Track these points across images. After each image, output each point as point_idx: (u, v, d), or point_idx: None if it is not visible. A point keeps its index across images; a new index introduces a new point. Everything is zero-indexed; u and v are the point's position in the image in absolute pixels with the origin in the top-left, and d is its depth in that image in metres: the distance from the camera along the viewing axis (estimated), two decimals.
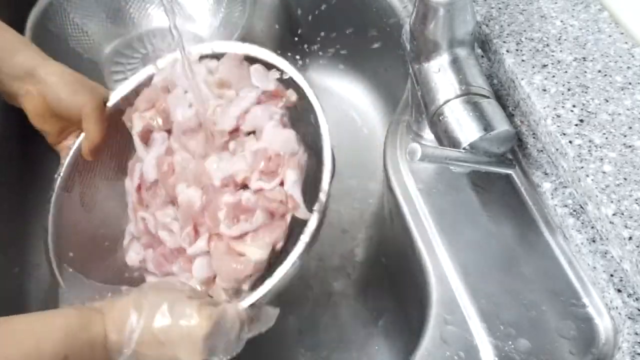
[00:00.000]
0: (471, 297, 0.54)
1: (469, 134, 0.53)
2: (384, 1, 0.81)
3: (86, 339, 0.47)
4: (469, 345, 0.52)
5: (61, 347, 0.46)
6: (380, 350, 0.70)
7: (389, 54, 0.82)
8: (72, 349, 0.47)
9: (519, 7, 0.64)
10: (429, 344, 0.52)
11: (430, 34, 0.56)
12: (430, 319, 0.53)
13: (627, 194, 0.49)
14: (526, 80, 0.57)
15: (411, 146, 0.50)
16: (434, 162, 0.52)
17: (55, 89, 0.63)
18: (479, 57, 0.63)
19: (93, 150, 0.65)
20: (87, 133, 0.65)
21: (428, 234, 0.59)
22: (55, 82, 0.64)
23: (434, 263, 0.57)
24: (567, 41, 0.60)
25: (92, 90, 0.66)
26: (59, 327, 0.47)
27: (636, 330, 0.48)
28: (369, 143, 0.84)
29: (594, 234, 0.53)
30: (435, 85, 0.57)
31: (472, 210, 0.60)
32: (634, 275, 0.48)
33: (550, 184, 0.57)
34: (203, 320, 0.48)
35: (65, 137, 0.67)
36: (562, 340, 0.51)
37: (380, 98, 0.91)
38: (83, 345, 0.47)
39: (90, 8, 0.95)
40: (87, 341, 0.47)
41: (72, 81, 0.64)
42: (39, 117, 0.65)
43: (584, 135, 0.53)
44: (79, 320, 0.48)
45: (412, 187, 0.62)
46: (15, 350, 0.45)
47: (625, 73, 0.57)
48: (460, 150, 0.53)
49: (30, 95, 0.64)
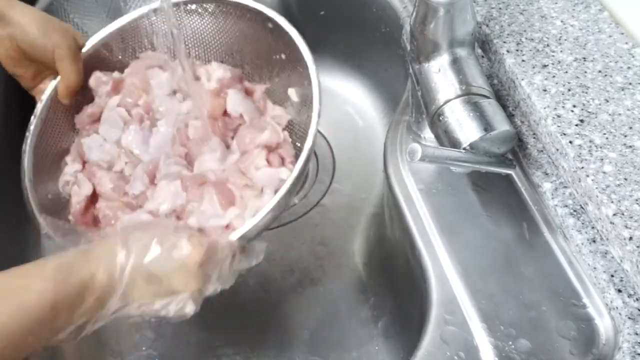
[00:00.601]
0: (471, 297, 0.54)
1: (469, 134, 0.53)
2: (384, 1, 0.81)
3: (75, 284, 0.46)
4: (469, 345, 0.52)
5: (49, 296, 0.45)
6: (380, 350, 0.70)
7: (389, 54, 0.82)
8: (61, 296, 0.45)
9: (519, 8, 0.64)
10: (429, 344, 0.52)
11: (430, 34, 0.56)
12: (430, 319, 0.53)
13: (628, 194, 0.49)
14: (526, 81, 0.57)
15: (411, 146, 0.50)
16: (435, 162, 0.52)
17: (25, 30, 0.62)
18: (479, 57, 0.63)
19: (70, 92, 0.64)
20: (62, 74, 0.63)
21: (428, 234, 0.59)
22: (25, 23, 0.62)
23: (434, 263, 0.57)
24: (568, 41, 0.60)
25: (64, 31, 0.64)
26: (45, 276, 0.46)
27: (636, 331, 0.48)
28: (369, 143, 0.84)
29: (594, 234, 0.53)
30: (436, 86, 0.57)
31: (472, 210, 0.60)
32: (634, 276, 0.48)
33: (550, 184, 0.57)
34: (195, 248, 0.48)
35: (41, 80, 0.66)
36: (562, 341, 0.51)
37: (380, 98, 0.91)
38: (71, 291, 0.45)
39: (90, 8, 0.95)
40: (76, 285, 0.46)
41: (43, 22, 0.63)
42: (11, 61, 0.63)
43: (584, 135, 0.53)
44: (65, 266, 0.47)
45: (412, 187, 0.62)
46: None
47: (625, 73, 0.57)
48: (461, 151, 0.53)
49: (1, 40, 0.62)
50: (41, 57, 0.63)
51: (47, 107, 0.65)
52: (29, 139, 0.64)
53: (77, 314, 0.46)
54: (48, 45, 0.63)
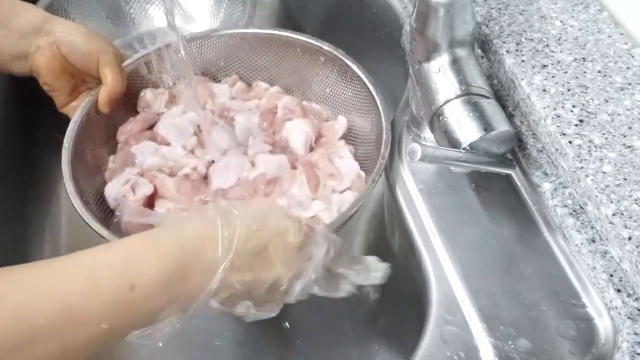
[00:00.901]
0: (471, 297, 0.54)
1: (469, 134, 0.53)
2: (384, 1, 0.81)
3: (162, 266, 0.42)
4: (469, 345, 0.52)
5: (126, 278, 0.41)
6: (380, 350, 0.70)
7: (389, 54, 0.82)
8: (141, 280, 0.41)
9: (519, 8, 0.64)
10: (429, 344, 0.52)
11: (430, 34, 0.56)
12: (430, 319, 0.53)
13: (627, 194, 0.49)
14: (526, 81, 0.57)
15: (411, 146, 0.50)
16: (434, 162, 0.52)
17: (70, 37, 0.61)
18: (479, 57, 0.63)
19: (111, 100, 0.63)
20: (106, 80, 0.63)
21: (428, 234, 0.59)
22: (70, 31, 0.62)
23: (434, 263, 0.57)
24: (567, 41, 0.60)
25: (107, 40, 0.64)
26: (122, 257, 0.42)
27: (636, 330, 0.48)
28: None
29: (593, 234, 0.53)
30: (435, 86, 0.57)
31: (472, 210, 0.60)
32: (633, 275, 0.48)
33: (550, 184, 0.57)
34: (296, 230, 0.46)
35: (75, 97, 0.65)
36: (562, 340, 0.51)
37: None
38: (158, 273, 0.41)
39: (90, 8, 0.95)
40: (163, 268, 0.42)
41: (85, 31, 0.63)
42: (51, 73, 0.62)
43: (584, 135, 0.53)
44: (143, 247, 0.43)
45: (412, 187, 0.62)
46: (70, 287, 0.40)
47: (625, 73, 0.57)
48: (460, 151, 0.54)
49: (41, 50, 0.61)
50: (84, 64, 0.63)
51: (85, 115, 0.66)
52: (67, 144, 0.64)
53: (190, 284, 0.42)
54: (94, 50, 0.62)
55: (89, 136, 0.67)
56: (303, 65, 0.76)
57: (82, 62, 0.62)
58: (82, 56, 0.62)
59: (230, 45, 0.77)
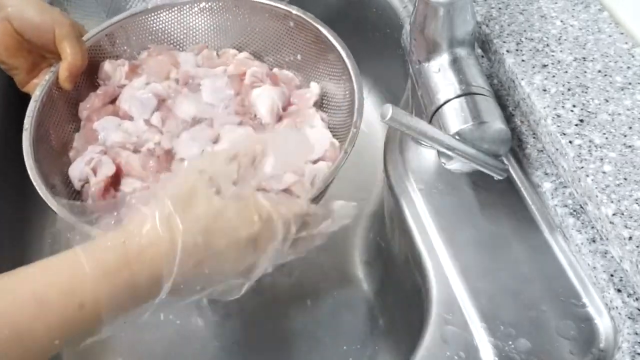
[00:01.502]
0: (471, 297, 0.54)
1: (458, 121, 0.53)
2: (384, 1, 0.81)
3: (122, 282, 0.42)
4: (469, 345, 0.52)
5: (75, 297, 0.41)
6: (380, 350, 0.70)
7: (389, 54, 0.82)
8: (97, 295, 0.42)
9: (519, 7, 0.64)
10: (429, 344, 0.52)
11: (430, 34, 0.56)
12: (430, 319, 0.53)
13: (627, 194, 0.49)
14: (526, 80, 0.57)
15: (385, 106, 0.49)
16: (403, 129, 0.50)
17: (21, 9, 0.59)
18: (479, 57, 0.63)
19: (72, 75, 0.61)
20: (65, 54, 0.60)
21: (428, 234, 0.58)
22: (21, 7, 0.59)
23: (434, 263, 0.57)
24: (567, 41, 0.60)
25: (61, 11, 0.62)
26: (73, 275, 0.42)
27: (636, 330, 0.48)
28: (369, 143, 0.84)
29: (594, 234, 0.53)
30: (435, 85, 0.57)
31: (472, 210, 0.60)
32: (634, 275, 0.48)
33: (550, 184, 0.57)
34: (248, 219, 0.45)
35: (36, 74, 0.63)
36: (562, 340, 0.51)
37: (381, 98, 0.91)
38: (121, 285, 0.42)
39: (90, 8, 0.95)
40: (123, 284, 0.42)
41: (38, 3, 0.60)
42: (6, 51, 0.60)
43: (584, 135, 0.53)
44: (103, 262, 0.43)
45: (412, 187, 0.62)
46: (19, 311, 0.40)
47: (625, 73, 0.57)
48: (435, 128, 0.52)
49: None
50: (39, 39, 0.60)
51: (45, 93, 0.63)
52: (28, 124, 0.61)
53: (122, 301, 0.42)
54: (48, 22, 0.59)
55: (51, 115, 0.64)
56: (272, 30, 0.73)
57: (37, 37, 0.60)
58: (36, 30, 0.59)
59: (194, 13, 0.74)
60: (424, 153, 0.65)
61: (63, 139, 0.66)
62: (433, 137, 0.52)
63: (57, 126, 0.66)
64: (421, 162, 0.64)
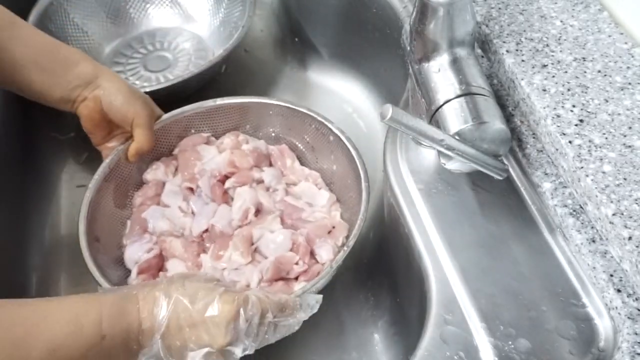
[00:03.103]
0: (471, 297, 0.54)
1: (457, 122, 0.53)
2: (384, 1, 0.81)
3: (125, 325, 0.49)
4: (469, 345, 0.52)
5: (101, 328, 0.48)
6: (380, 350, 0.70)
7: (389, 54, 0.82)
8: (111, 331, 0.48)
9: (519, 7, 0.64)
10: (429, 344, 0.52)
11: (430, 34, 0.56)
12: (430, 319, 0.53)
13: (627, 194, 0.49)
14: (526, 80, 0.57)
15: (385, 106, 0.49)
16: (403, 129, 0.50)
17: (112, 96, 0.69)
18: (479, 57, 0.63)
19: (139, 154, 0.72)
20: (137, 138, 0.71)
21: (428, 234, 0.59)
22: (112, 90, 0.69)
23: (434, 263, 0.57)
24: (567, 41, 0.60)
25: (145, 101, 0.72)
26: (99, 310, 0.49)
27: (636, 330, 0.48)
28: (369, 143, 0.84)
29: (593, 234, 0.53)
30: (435, 85, 0.57)
31: (472, 210, 0.60)
32: (633, 275, 0.48)
33: (550, 184, 0.57)
34: (225, 305, 0.51)
35: (109, 140, 0.73)
36: (562, 340, 0.51)
37: (380, 98, 0.91)
38: (121, 330, 0.49)
39: (90, 8, 0.95)
40: (125, 327, 0.49)
41: (127, 91, 0.70)
42: (91, 122, 0.71)
43: (584, 135, 0.53)
44: (118, 306, 0.50)
45: (412, 187, 0.62)
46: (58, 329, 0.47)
47: (625, 73, 0.57)
48: (434, 128, 0.52)
49: (85, 102, 0.69)
50: (120, 121, 0.71)
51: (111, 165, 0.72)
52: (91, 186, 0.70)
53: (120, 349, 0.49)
54: (130, 112, 0.70)
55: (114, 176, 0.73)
56: None
57: (118, 120, 0.71)
58: (118, 114, 0.70)
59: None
60: (424, 153, 0.65)
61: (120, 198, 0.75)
62: (433, 137, 0.52)
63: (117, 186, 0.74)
64: (421, 162, 0.64)
